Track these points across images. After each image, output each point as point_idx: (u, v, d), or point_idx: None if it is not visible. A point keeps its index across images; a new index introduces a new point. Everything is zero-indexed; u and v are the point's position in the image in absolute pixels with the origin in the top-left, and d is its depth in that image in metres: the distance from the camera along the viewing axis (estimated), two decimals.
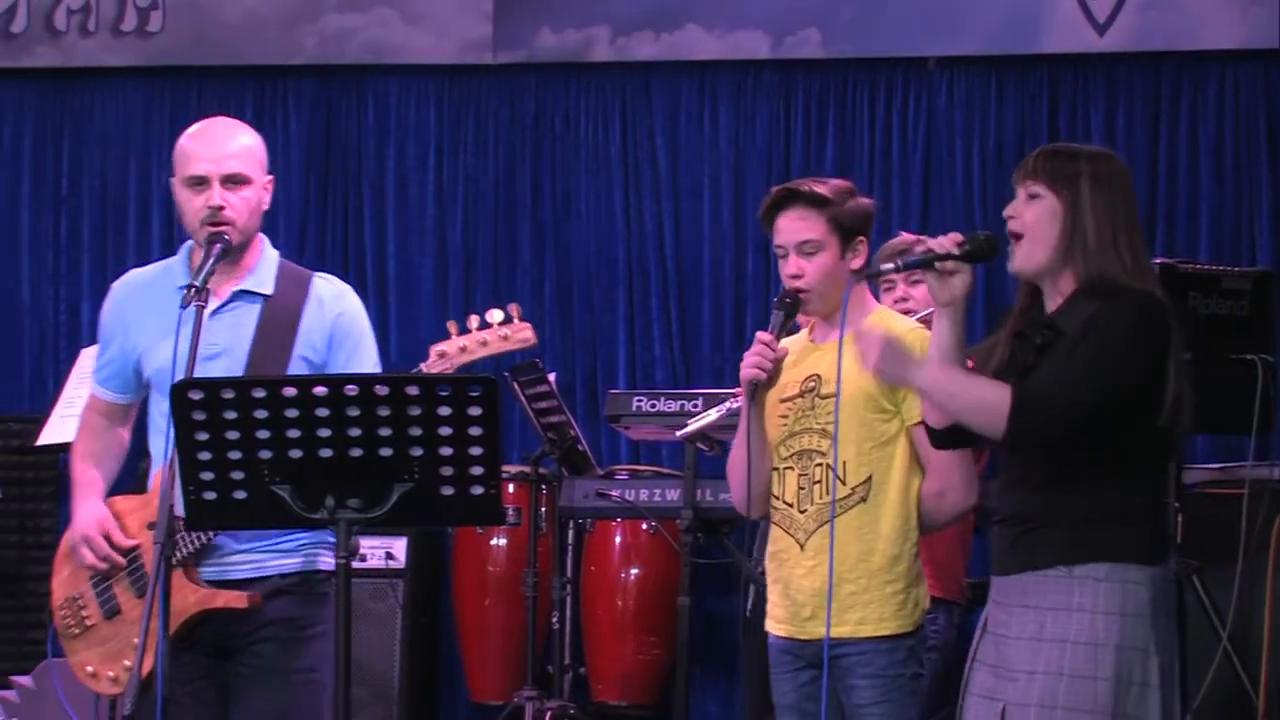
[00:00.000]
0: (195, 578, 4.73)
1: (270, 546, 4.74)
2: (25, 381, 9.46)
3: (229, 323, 4.81)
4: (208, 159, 4.79)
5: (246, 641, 4.75)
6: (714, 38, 9.01)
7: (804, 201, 4.79)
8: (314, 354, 4.80)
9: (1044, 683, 4.11)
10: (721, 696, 8.77)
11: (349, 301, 4.90)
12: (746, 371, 4.73)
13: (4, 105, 9.57)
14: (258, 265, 4.87)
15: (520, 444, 8.61)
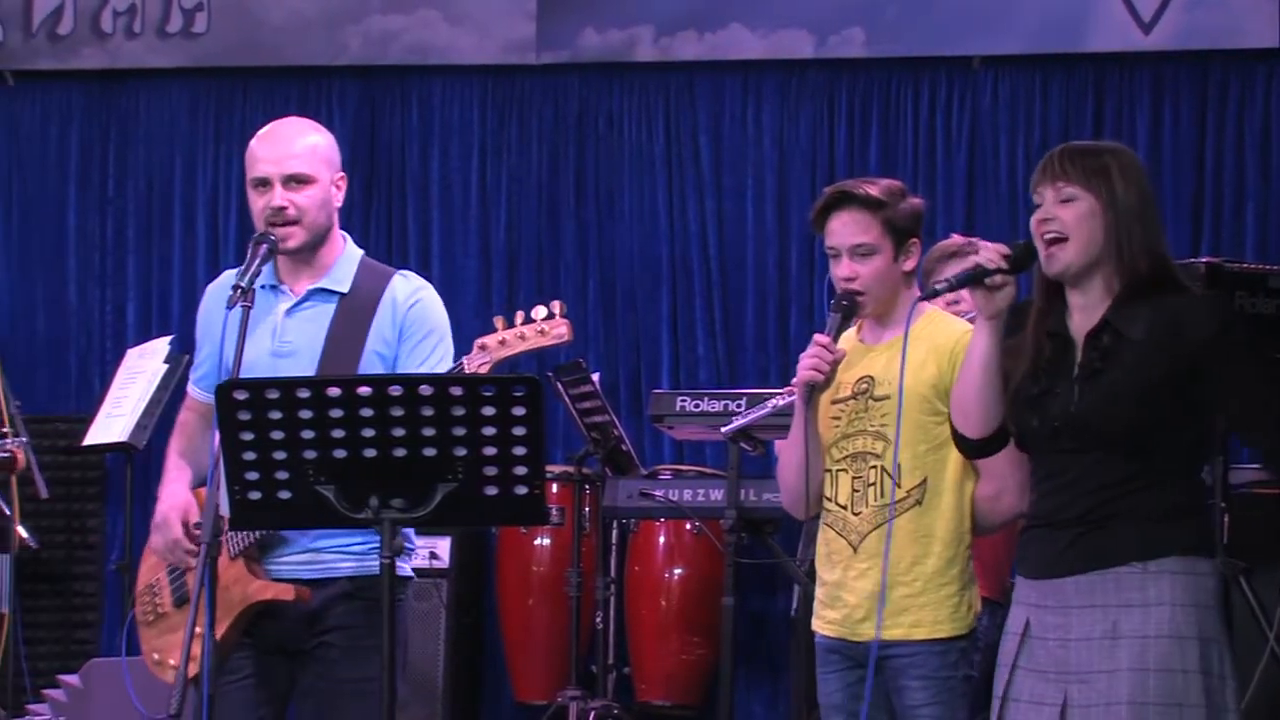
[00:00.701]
0: (257, 570, 4.75)
1: (340, 548, 4.75)
2: (72, 382, 9.50)
3: (304, 321, 4.84)
4: (270, 160, 4.82)
5: (310, 644, 4.76)
6: (758, 37, 9.00)
7: (858, 204, 4.77)
8: (386, 349, 4.81)
9: (1130, 679, 4.07)
10: (766, 696, 8.77)
11: (422, 295, 4.90)
12: (804, 374, 4.71)
13: (50, 107, 9.62)
14: (336, 263, 4.89)
15: (564, 444, 8.62)
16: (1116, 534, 4.13)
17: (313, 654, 4.76)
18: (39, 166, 9.61)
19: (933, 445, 4.72)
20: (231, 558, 4.73)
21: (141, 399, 8.37)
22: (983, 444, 4.35)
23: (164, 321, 9.33)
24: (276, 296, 4.88)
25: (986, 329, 4.27)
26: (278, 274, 4.89)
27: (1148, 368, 4.11)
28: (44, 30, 9.43)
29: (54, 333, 9.53)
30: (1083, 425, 4.15)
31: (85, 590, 9.31)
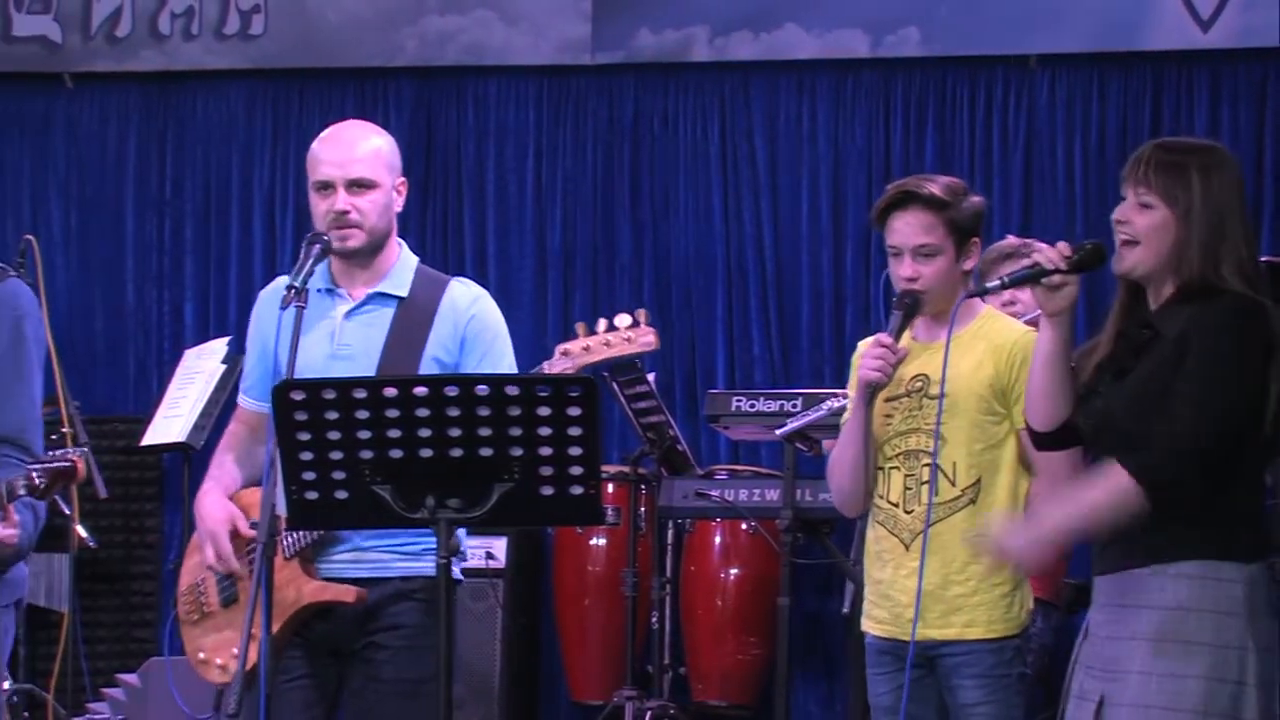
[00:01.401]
0: (311, 570, 4.76)
1: (396, 547, 4.75)
2: (130, 383, 9.55)
3: (363, 324, 4.85)
4: (333, 164, 4.82)
5: (359, 644, 4.77)
6: (813, 37, 8.99)
7: (922, 204, 4.74)
8: (446, 355, 4.81)
9: (1138, 681, 4.08)
10: (822, 696, 8.76)
11: (483, 305, 4.90)
12: (867, 374, 4.70)
13: (108, 108, 9.67)
14: (394, 268, 4.90)
15: (620, 444, 8.62)
16: (1142, 536, 4.11)
17: (361, 654, 4.77)
18: (97, 168, 9.66)
19: (989, 445, 4.71)
20: (286, 558, 4.74)
21: (199, 399, 8.41)
22: (1050, 437, 4.34)
23: (221, 322, 9.37)
24: (334, 300, 4.89)
25: (1049, 326, 4.27)
26: (333, 278, 4.91)
27: (1169, 367, 4.09)
28: (102, 32, 9.48)
29: (112, 333, 9.58)
30: (1108, 424, 4.15)
31: (144, 590, 9.35)
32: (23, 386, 4.84)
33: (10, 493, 4.60)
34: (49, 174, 9.67)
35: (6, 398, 4.81)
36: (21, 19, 9.50)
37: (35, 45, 9.53)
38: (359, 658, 4.77)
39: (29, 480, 4.58)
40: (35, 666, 8.34)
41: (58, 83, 9.64)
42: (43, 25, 9.50)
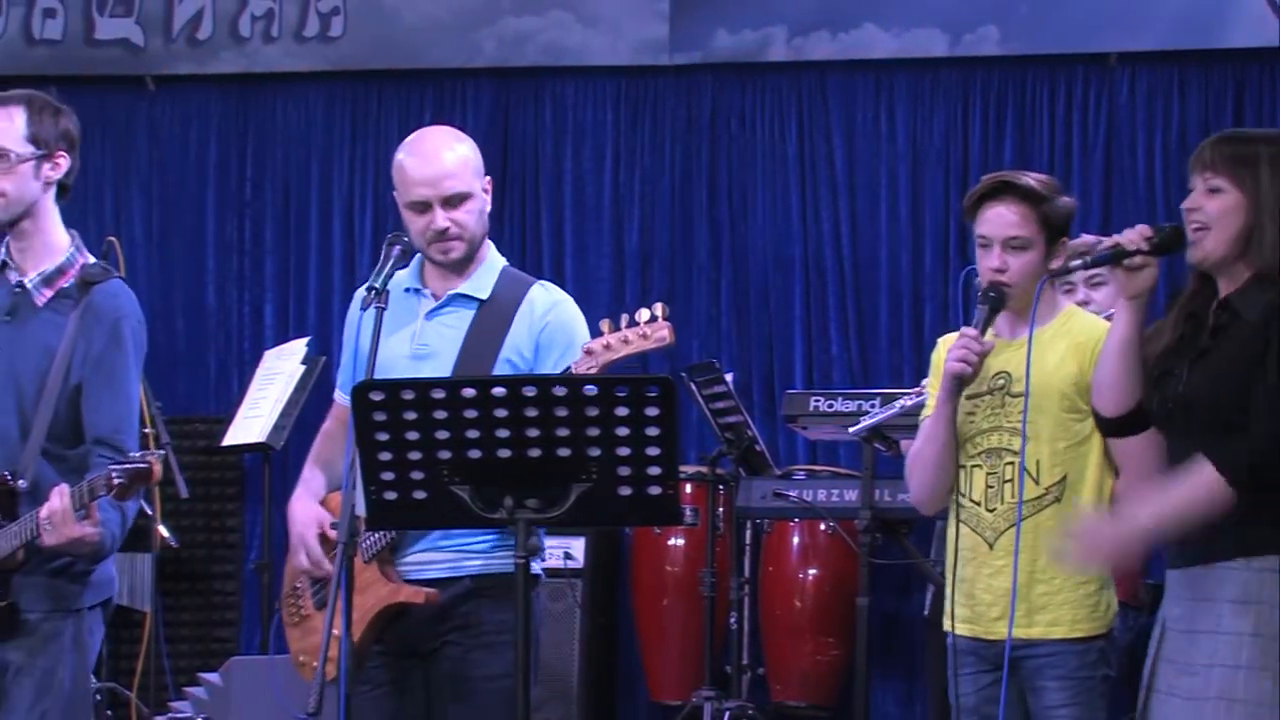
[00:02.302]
0: (390, 573, 4.79)
1: (464, 546, 4.77)
2: (211, 383, 9.61)
3: (442, 324, 4.88)
4: (425, 183, 4.82)
5: (436, 644, 4.79)
6: (891, 36, 8.96)
7: (1018, 195, 4.72)
8: (520, 359, 4.83)
9: (1222, 676, 4.06)
10: (901, 697, 8.73)
11: (561, 309, 4.92)
12: (952, 365, 4.69)
13: (189, 111, 9.73)
14: (477, 270, 4.93)
15: (697, 444, 8.62)
16: (1224, 531, 4.08)
17: (440, 652, 4.79)
18: (178, 170, 9.72)
19: (1073, 442, 4.69)
20: (365, 562, 4.77)
21: (279, 400, 8.45)
22: (1118, 423, 4.32)
23: (301, 323, 9.42)
24: (419, 300, 4.94)
25: (1126, 309, 4.26)
26: (422, 277, 4.95)
27: (1251, 349, 4.06)
28: (183, 35, 9.54)
29: (193, 334, 9.64)
30: (1187, 406, 4.13)
31: (225, 589, 9.41)
32: (119, 388, 4.89)
33: (91, 492, 4.65)
34: (131, 176, 9.74)
35: (103, 399, 4.87)
36: (104, 22, 9.58)
37: (118, 48, 9.60)
38: (436, 656, 4.79)
39: (108, 480, 4.62)
40: (118, 665, 8.41)
41: (140, 85, 9.71)
42: (125, 28, 9.58)
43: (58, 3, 9.57)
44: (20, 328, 4.91)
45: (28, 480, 4.82)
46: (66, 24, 9.58)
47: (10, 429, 4.86)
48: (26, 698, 4.82)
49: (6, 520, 4.82)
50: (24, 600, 4.84)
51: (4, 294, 4.96)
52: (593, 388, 4.06)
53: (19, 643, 4.84)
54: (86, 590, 4.91)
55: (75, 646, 4.89)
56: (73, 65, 9.58)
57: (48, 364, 4.85)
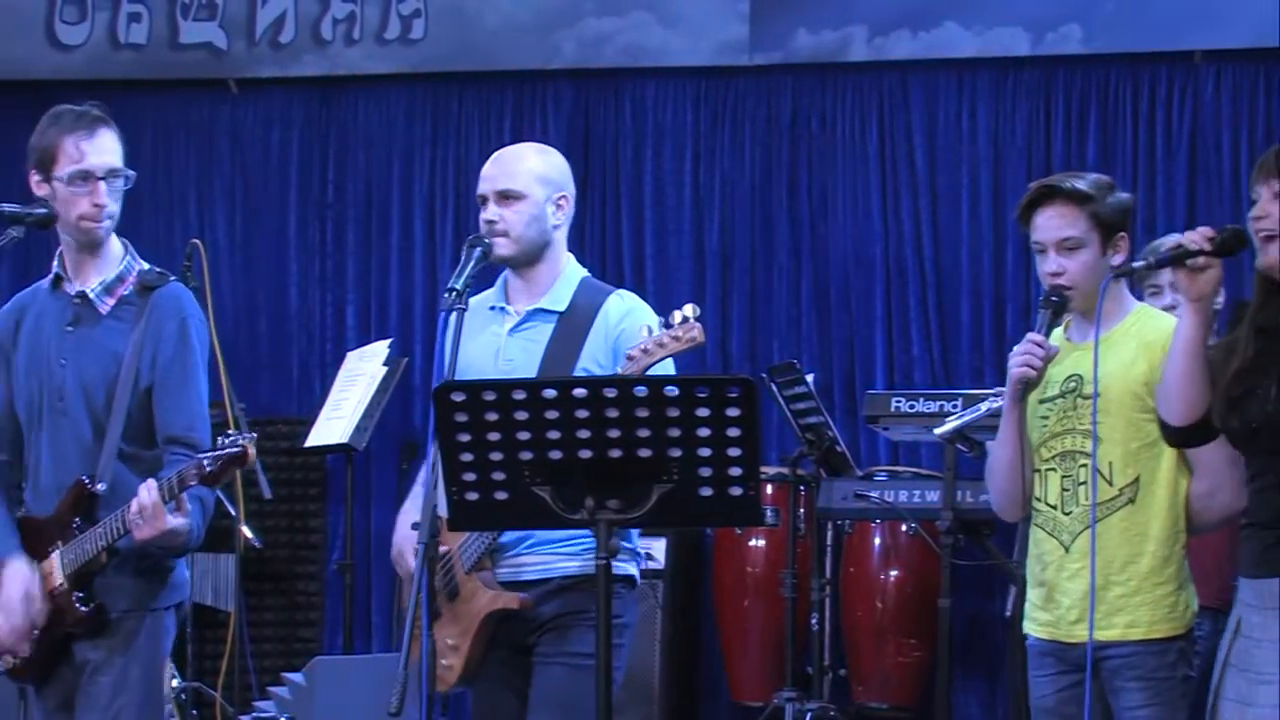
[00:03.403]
0: (489, 580, 4.89)
1: (557, 549, 4.88)
2: (293, 384, 9.65)
3: (524, 339, 5.01)
4: (487, 178, 5.05)
5: (537, 636, 4.91)
6: (973, 35, 8.92)
7: (1064, 198, 4.73)
8: (597, 367, 4.92)
9: None
10: (983, 699, 8.70)
11: (635, 316, 5.00)
12: (1016, 370, 4.69)
13: (272, 113, 9.78)
14: (555, 283, 5.06)
15: (778, 445, 8.61)
16: None
17: (540, 640, 4.91)
18: (261, 172, 9.78)
19: (1145, 443, 4.67)
20: (466, 572, 4.87)
21: (361, 401, 8.48)
22: (1185, 432, 4.29)
23: (382, 324, 9.46)
24: (503, 317, 5.06)
25: (1190, 311, 4.23)
26: (506, 294, 5.09)
27: None
28: (266, 39, 9.59)
29: (276, 336, 9.69)
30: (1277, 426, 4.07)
31: (308, 590, 9.45)
32: (190, 387, 5.01)
33: (182, 482, 4.72)
34: (214, 179, 9.80)
35: (175, 399, 4.98)
36: (188, 26, 9.64)
37: (201, 52, 9.66)
38: (537, 644, 4.92)
39: (199, 468, 4.71)
40: (203, 665, 8.47)
41: (223, 88, 9.77)
42: (208, 32, 9.64)
43: (143, 7, 9.64)
44: (85, 336, 5.02)
45: (106, 483, 4.91)
46: (151, 28, 9.65)
47: (85, 435, 4.97)
48: (103, 695, 4.92)
49: (87, 523, 4.91)
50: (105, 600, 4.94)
51: (64, 305, 5.07)
52: (674, 388, 4.06)
53: (98, 641, 4.94)
54: (165, 590, 5.01)
55: (151, 645, 4.99)
56: (157, 69, 9.66)
57: (116, 370, 4.96)
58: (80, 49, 9.68)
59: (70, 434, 4.97)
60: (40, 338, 5.06)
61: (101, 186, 4.98)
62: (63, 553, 4.93)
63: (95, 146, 4.99)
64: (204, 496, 4.92)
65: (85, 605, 4.91)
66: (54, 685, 5.03)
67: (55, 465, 4.99)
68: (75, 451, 4.96)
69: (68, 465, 4.96)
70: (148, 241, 5.70)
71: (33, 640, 4.95)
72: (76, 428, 4.96)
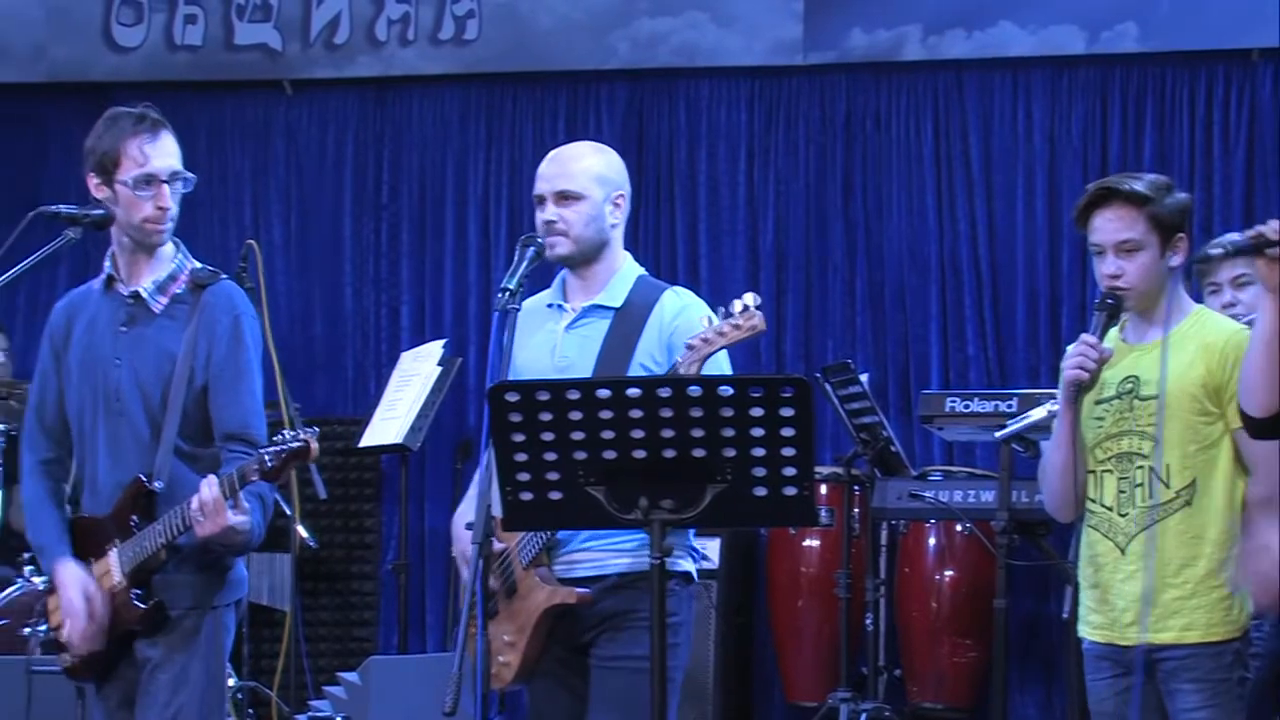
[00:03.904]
0: (546, 575, 4.88)
1: (611, 546, 4.85)
2: (348, 385, 9.68)
3: (580, 336, 5.00)
4: (545, 178, 5.06)
5: (593, 635, 4.90)
6: (1028, 34, 8.90)
7: (1123, 199, 4.71)
8: (652, 363, 4.91)
9: None
10: (1040, 700, 8.67)
11: (689, 312, 4.98)
12: (1069, 372, 4.68)
13: (327, 114, 9.82)
14: (612, 280, 5.05)
15: (833, 445, 8.60)
16: None
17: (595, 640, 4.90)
18: (316, 173, 9.81)
19: (1203, 445, 4.65)
20: (524, 568, 4.87)
21: (415, 401, 8.50)
22: (1264, 424, 4.26)
23: (437, 324, 9.48)
24: (560, 314, 5.06)
25: (1270, 302, 4.21)
26: (564, 292, 5.09)
27: None
28: (321, 40, 9.63)
29: (331, 336, 9.72)
30: None
31: (363, 590, 9.48)
32: (244, 384, 5.01)
33: (243, 478, 4.74)
34: (269, 179, 9.84)
35: (230, 396, 4.99)
36: (243, 27, 9.69)
37: (256, 53, 9.70)
38: (593, 644, 4.90)
39: (260, 463, 4.72)
40: (259, 665, 8.49)
41: (277, 90, 9.81)
42: (263, 34, 9.68)
43: (198, 9, 9.69)
44: (139, 336, 5.03)
45: (163, 481, 4.93)
46: (207, 30, 9.70)
47: (142, 434, 4.98)
48: (163, 693, 4.93)
49: (145, 521, 4.92)
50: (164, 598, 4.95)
51: (117, 305, 5.08)
52: (728, 388, 4.06)
53: (157, 639, 4.95)
54: (223, 588, 5.02)
55: (211, 643, 4.99)
56: (212, 71, 9.71)
57: (170, 368, 4.97)
58: (137, 51, 9.74)
59: (128, 433, 4.98)
60: (94, 338, 5.07)
61: (165, 190, 4.99)
62: (120, 550, 4.94)
63: (158, 150, 5.00)
64: (264, 495, 4.94)
65: (143, 603, 4.92)
66: (114, 683, 5.04)
67: (113, 465, 4.99)
68: (133, 451, 4.97)
69: (126, 464, 4.96)
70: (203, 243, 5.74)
71: (118, 598, 4.94)
72: (134, 427, 4.97)
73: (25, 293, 9.61)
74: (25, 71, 9.84)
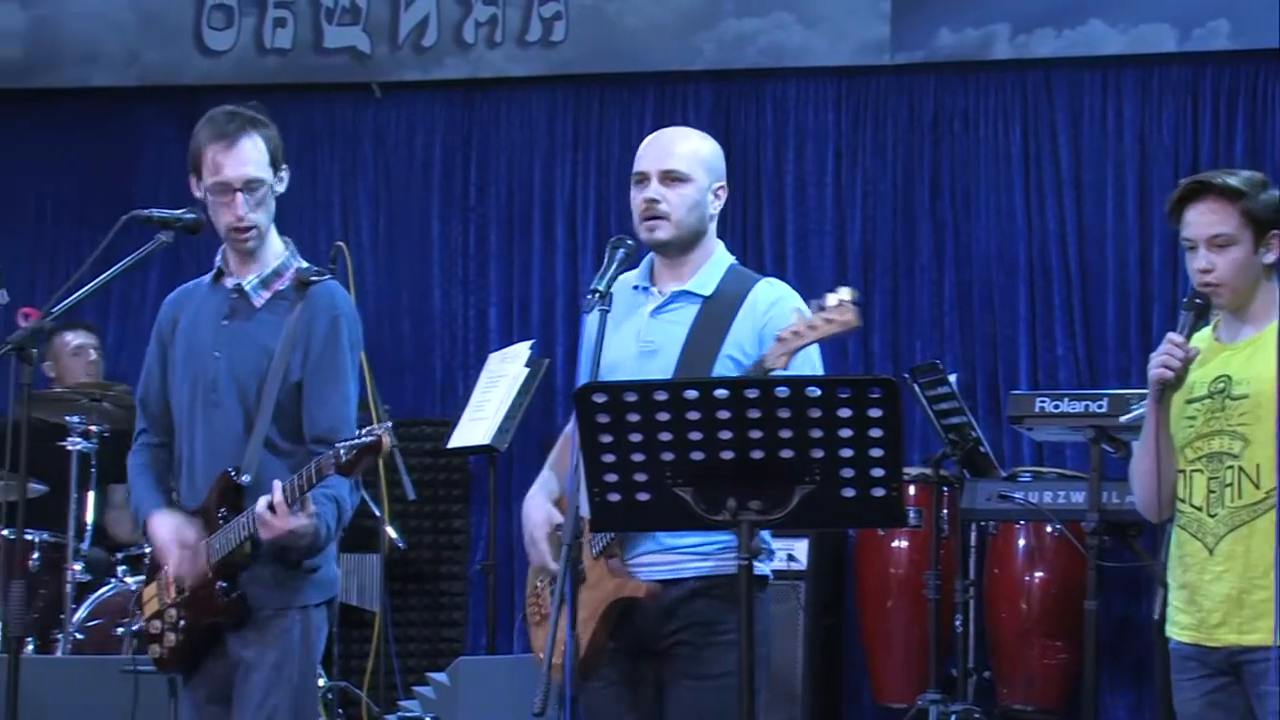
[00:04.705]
0: (617, 567, 4.81)
1: (689, 549, 4.78)
2: (436, 386, 9.73)
3: (667, 321, 4.92)
4: (650, 156, 4.93)
5: (666, 643, 4.81)
6: (1118, 32, 8.86)
7: (1216, 194, 4.68)
8: (742, 355, 4.83)
9: None
10: (1130, 702, 8.63)
11: (783, 305, 4.90)
12: (1154, 371, 4.65)
13: (415, 116, 9.87)
14: (703, 267, 4.95)
15: (921, 446, 8.57)
16: None
17: (670, 652, 4.81)
18: (404, 175, 9.86)
19: None
20: (594, 557, 4.80)
21: (503, 402, 8.52)
22: None
23: (525, 326, 9.50)
24: (646, 297, 4.98)
25: None
26: (652, 275, 5.00)
27: None
28: (409, 42, 9.68)
29: (419, 337, 9.77)
30: None
31: (452, 590, 9.52)
32: (338, 386, 5.01)
33: (319, 471, 4.73)
34: (358, 182, 9.90)
35: (322, 398, 5.00)
36: (332, 31, 9.75)
37: (345, 56, 9.76)
38: (668, 655, 4.81)
39: (335, 457, 4.70)
40: (349, 665, 8.55)
41: (366, 92, 9.87)
42: (352, 36, 9.74)
43: (288, 12, 9.76)
44: (240, 329, 5.05)
45: (251, 475, 4.93)
46: (296, 33, 9.77)
47: (236, 426, 4.99)
48: (257, 693, 4.94)
49: (233, 514, 4.93)
50: (253, 595, 4.96)
51: (222, 299, 5.10)
52: (816, 389, 4.04)
53: (250, 639, 4.96)
54: (312, 588, 5.02)
55: (303, 642, 4.99)
56: (301, 73, 9.79)
57: (267, 363, 4.98)
58: (227, 54, 9.83)
59: (223, 426, 5.00)
60: (197, 331, 5.09)
61: (239, 199, 4.98)
62: (209, 542, 4.96)
63: (232, 158, 4.99)
64: (341, 498, 4.94)
65: (227, 595, 4.93)
66: (202, 677, 5.06)
67: (209, 457, 5.02)
68: (227, 443, 4.99)
69: (221, 457, 4.99)
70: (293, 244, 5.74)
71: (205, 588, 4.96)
72: (229, 420, 4.99)
73: (118, 295, 9.71)
74: (118, 75, 9.95)
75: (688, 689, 4.77)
